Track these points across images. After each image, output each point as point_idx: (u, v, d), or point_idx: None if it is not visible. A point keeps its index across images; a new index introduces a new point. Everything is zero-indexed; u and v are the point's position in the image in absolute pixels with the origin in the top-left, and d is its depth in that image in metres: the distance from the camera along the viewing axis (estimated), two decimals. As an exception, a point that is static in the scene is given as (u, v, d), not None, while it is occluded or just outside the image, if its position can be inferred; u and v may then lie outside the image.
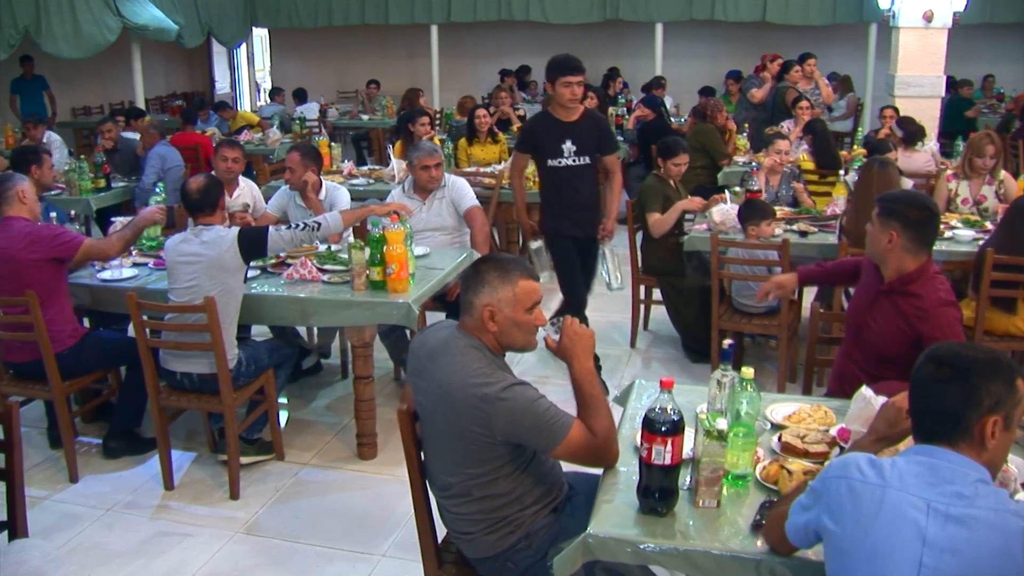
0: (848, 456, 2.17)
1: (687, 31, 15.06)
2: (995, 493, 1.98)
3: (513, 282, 2.79)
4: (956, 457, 2.01)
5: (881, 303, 3.51)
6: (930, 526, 1.94)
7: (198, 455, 4.98)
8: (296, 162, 5.65)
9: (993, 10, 12.88)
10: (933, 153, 8.34)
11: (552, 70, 5.34)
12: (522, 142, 5.82)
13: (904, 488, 1.99)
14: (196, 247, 4.39)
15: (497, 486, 2.80)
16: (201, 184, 4.49)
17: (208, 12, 13.32)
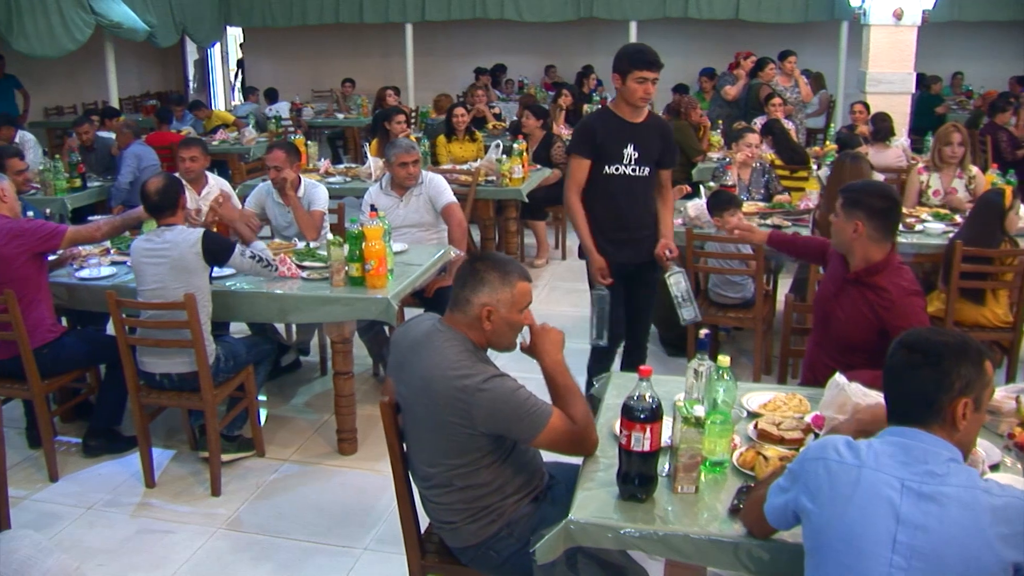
0: (826, 438, 2.23)
1: (661, 29, 15.11)
2: (966, 471, 2.05)
3: (512, 283, 2.85)
4: (929, 438, 2.08)
5: (847, 292, 3.57)
6: (904, 504, 2.00)
7: (178, 452, 4.99)
8: (282, 159, 5.68)
9: (961, 8, 13.01)
10: (904, 149, 8.47)
11: (624, 62, 4.52)
12: (580, 143, 4.70)
13: (879, 468, 2.06)
14: (158, 246, 4.41)
15: (478, 476, 2.84)
16: (159, 185, 4.49)
17: (182, 11, 13.25)
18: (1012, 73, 14.37)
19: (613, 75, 4.56)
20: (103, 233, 4.92)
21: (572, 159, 4.73)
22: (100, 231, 4.89)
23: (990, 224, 5.20)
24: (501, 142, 8.58)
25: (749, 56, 11.05)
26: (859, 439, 2.46)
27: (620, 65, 4.54)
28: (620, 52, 4.59)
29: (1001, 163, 8.39)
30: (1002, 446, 2.86)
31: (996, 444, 2.88)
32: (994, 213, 5.21)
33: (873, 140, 8.19)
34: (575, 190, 4.71)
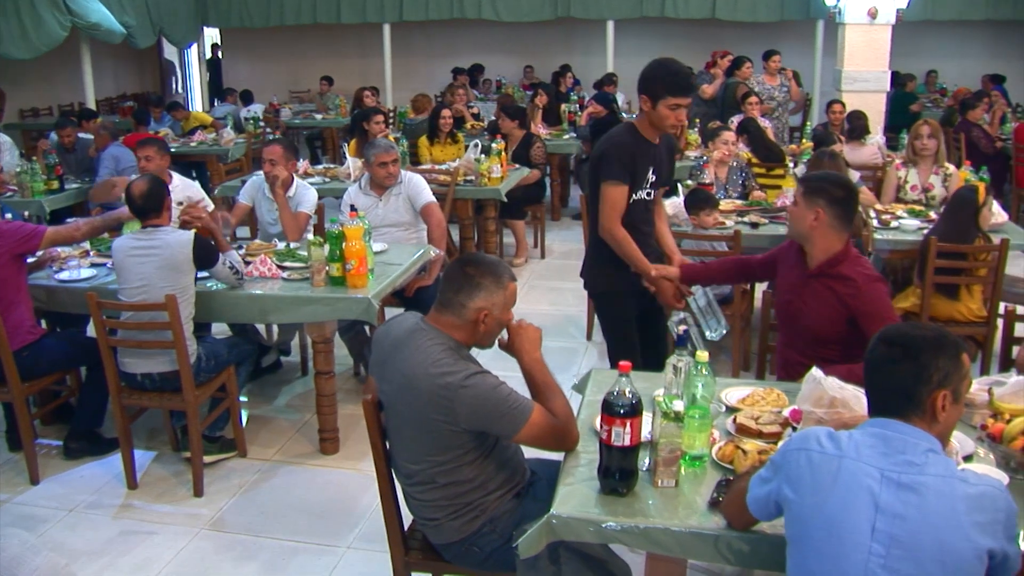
0: (808, 429, 2.28)
1: (638, 28, 15.19)
2: (943, 461, 2.10)
3: (505, 286, 2.90)
4: (908, 428, 2.14)
5: (811, 288, 3.63)
6: (883, 493, 2.05)
7: (160, 454, 4.99)
8: (278, 155, 5.73)
9: (935, 7, 13.14)
10: (879, 146, 8.56)
11: (657, 86, 4.02)
12: (621, 168, 4.14)
13: (859, 458, 2.11)
14: (146, 245, 4.41)
15: (461, 472, 2.86)
16: (144, 188, 4.49)
17: (159, 12, 13.21)
18: (985, 71, 14.52)
19: (641, 96, 4.09)
20: (82, 233, 4.92)
21: (610, 186, 4.14)
22: (79, 231, 4.89)
23: (964, 220, 5.27)
24: (480, 142, 8.60)
25: (726, 55, 11.12)
26: None
27: (652, 88, 4.04)
28: (652, 73, 4.06)
29: (975, 160, 8.48)
30: (975, 437, 2.91)
31: (969, 435, 2.93)
32: (968, 209, 5.28)
33: (848, 138, 8.27)
34: (617, 220, 4.17)
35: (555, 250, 9.16)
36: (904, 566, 2.02)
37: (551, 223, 9.99)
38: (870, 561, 2.04)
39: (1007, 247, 5.20)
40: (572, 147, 10.58)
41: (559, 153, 10.42)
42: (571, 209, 10.78)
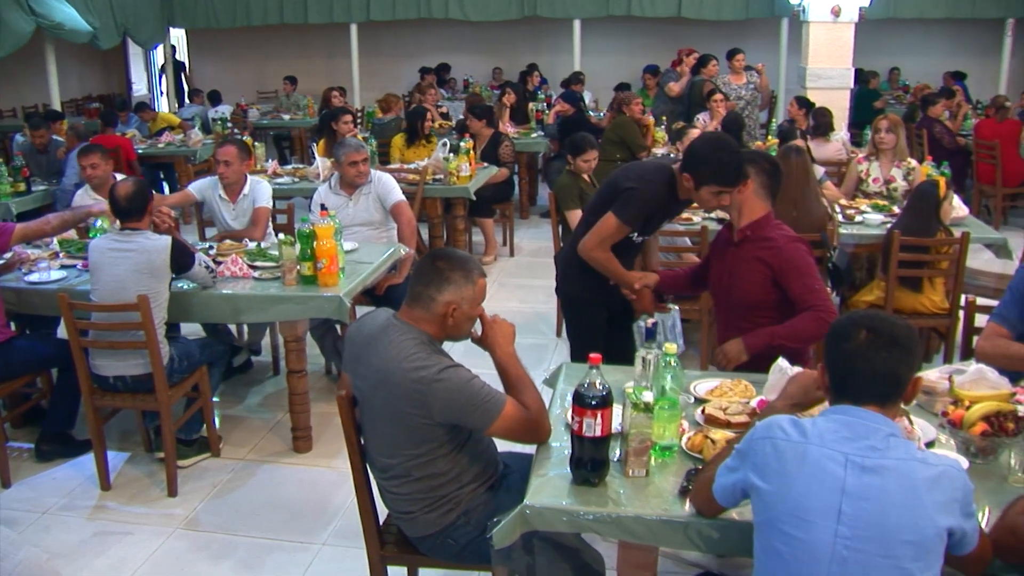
0: (771, 418, 2.33)
1: (604, 27, 15.27)
2: (904, 444, 2.17)
3: (474, 281, 2.95)
4: (869, 414, 2.20)
5: (737, 256, 3.81)
6: (848, 477, 2.12)
7: (133, 455, 4.99)
8: (233, 155, 5.74)
9: (896, 6, 13.29)
10: (844, 142, 8.67)
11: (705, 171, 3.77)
12: (639, 216, 4.05)
13: (824, 444, 2.17)
14: (125, 246, 4.41)
15: (435, 466, 2.90)
16: (129, 190, 4.49)
17: (124, 12, 13.08)
18: (945, 68, 14.74)
19: (685, 175, 3.84)
20: (52, 227, 4.93)
21: (616, 223, 4.02)
22: (49, 225, 4.91)
23: (926, 214, 5.36)
24: (448, 141, 8.64)
25: (691, 53, 11.21)
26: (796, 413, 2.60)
27: (700, 171, 3.79)
28: (702, 153, 3.80)
29: (937, 156, 8.61)
30: (937, 424, 2.99)
31: (931, 422, 3.01)
32: (929, 204, 5.37)
33: (813, 134, 8.37)
34: (604, 249, 4.11)
35: (524, 248, 9.20)
36: (869, 546, 2.08)
37: (520, 221, 10.04)
38: (837, 543, 2.10)
39: (967, 240, 5.30)
40: (540, 145, 10.64)
41: (527, 151, 10.47)
42: (540, 207, 10.83)
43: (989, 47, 14.49)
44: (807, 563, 2.14)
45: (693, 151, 3.85)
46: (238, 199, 5.85)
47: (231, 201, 5.85)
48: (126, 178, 4.79)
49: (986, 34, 14.64)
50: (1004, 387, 3.03)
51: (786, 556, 2.17)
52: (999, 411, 2.82)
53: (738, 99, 10.10)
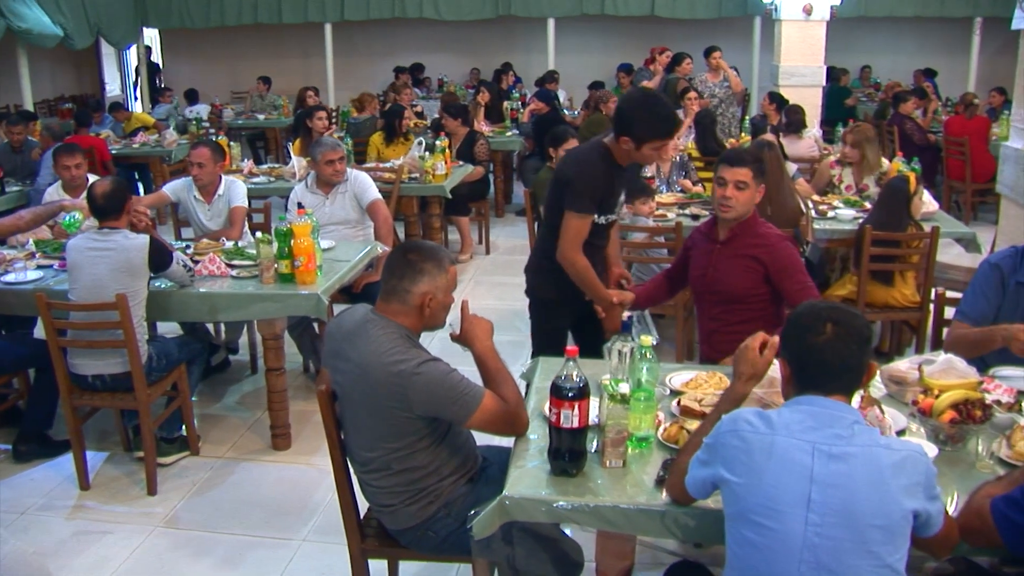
0: (736, 412, 2.38)
1: (578, 26, 15.33)
2: (868, 431, 2.23)
3: (446, 269, 2.99)
4: (833, 403, 2.27)
5: (723, 255, 3.92)
6: (816, 465, 2.17)
7: (111, 454, 4.99)
8: (206, 157, 5.74)
9: (867, 4, 13.42)
10: (816, 139, 8.78)
11: (642, 129, 3.77)
12: (590, 200, 3.92)
13: (791, 434, 2.22)
14: (103, 245, 4.41)
15: (415, 459, 2.94)
16: (107, 189, 4.49)
17: (97, 12, 13.01)
18: (916, 66, 14.88)
19: (622, 138, 3.82)
20: (26, 222, 4.95)
21: (575, 217, 3.91)
22: (23, 220, 4.94)
23: (896, 209, 5.45)
24: (424, 139, 8.67)
25: (664, 51, 11.28)
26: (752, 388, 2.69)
27: (635, 131, 3.78)
28: (634, 114, 3.79)
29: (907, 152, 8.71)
30: (907, 413, 3.05)
31: (902, 411, 3.07)
32: (900, 199, 5.46)
33: (786, 131, 8.46)
34: (579, 248, 3.97)
35: (500, 246, 9.24)
36: (839, 532, 2.13)
37: (495, 219, 10.08)
38: (808, 530, 2.15)
39: (937, 234, 5.38)
40: (515, 144, 10.68)
41: (502, 150, 10.51)
42: (515, 205, 10.87)
43: (958, 45, 14.65)
44: (780, 551, 2.18)
45: (623, 113, 3.84)
46: (213, 199, 5.85)
47: (206, 202, 5.86)
48: (104, 177, 4.78)
49: (955, 32, 14.80)
50: (972, 376, 3.09)
51: (759, 545, 2.22)
52: (967, 399, 2.88)
53: (712, 96, 10.18)
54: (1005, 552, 2.50)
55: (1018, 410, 3.11)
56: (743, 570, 2.27)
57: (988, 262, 3.72)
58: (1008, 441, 2.84)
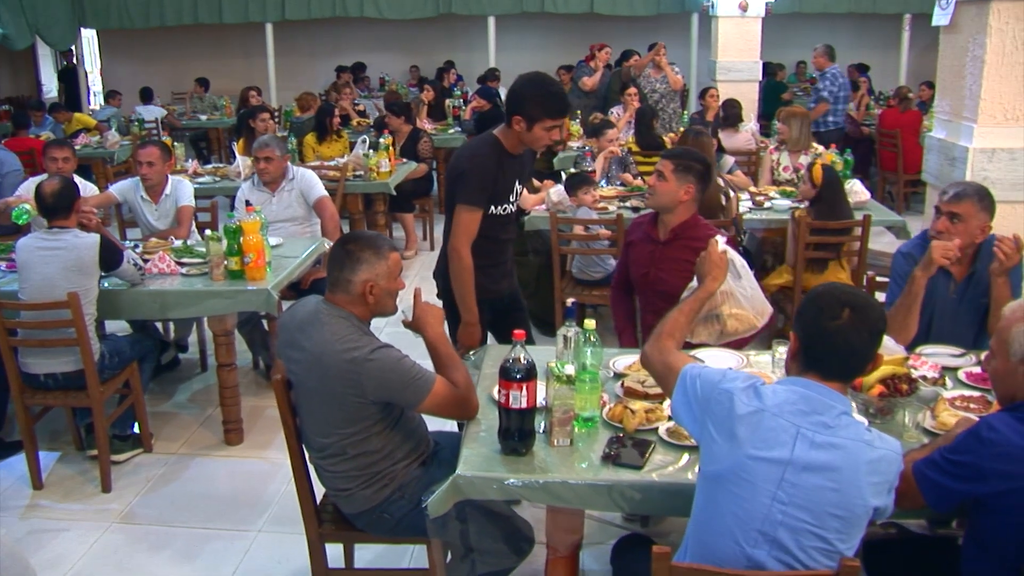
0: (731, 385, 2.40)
1: (519, 24, 15.45)
2: (855, 424, 2.33)
3: (386, 256, 3.07)
4: (827, 391, 2.34)
5: (664, 254, 4.01)
6: (797, 449, 2.26)
7: (64, 454, 5.01)
8: (156, 156, 5.76)
9: (802, 1, 13.71)
10: (753, 133, 9.00)
11: (534, 108, 3.80)
12: (480, 193, 3.90)
13: (780, 414, 2.30)
14: (53, 245, 4.43)
15: (369, 443, 3.04)
16: (56, 188, 4.51)
17: (35, 13, 12.85)
18: (849, 61, 15.18)
19: (515, 117, 3.84)
20: None
21: (465, 211, 3.89)
22: None
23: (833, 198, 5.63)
24: (367, 138, 8.74)
25: (603, 48, 11.44)
26: None
27: (527, 110, 3.81)
28: (526, 93, 3.84)
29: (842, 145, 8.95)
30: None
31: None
32: (836, 188, 5.65)
33: (724, 125, 8.67)
34: (468, 243, 3.92)
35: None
36: (801, 514, 2.24)
37: (439, 215, 10.00)
38: (773, 507, 2.25)
39: (869, 222, 5.58)
40: (458, 141, 10.77)
41: (445, 147, 10.59)
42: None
43: (889, 41, 15.01)
44: (742, 519, 2.28)
45: (515, 93, 3.87)
46: (160, 199, 5.87)
47: (153, 202, 5.87)
48: (51, 176, 4.80)
49: (886, 28, 15.16)
50: (900, 354, 3.25)
51: (723, 510, 2.31)
52: (894, 374, 3.04)
53: (652, 92, 10.36)
54: (930, 512, 2.67)
55: (943, 384, 3.29)
56: (705, 523, 2.37)
57: (900, 252, 3.93)
58: (932, 412, 3.02)
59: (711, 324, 3.27)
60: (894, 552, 2.98)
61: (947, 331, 3.74)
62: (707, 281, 3.11)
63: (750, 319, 3.28)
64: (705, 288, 3.10)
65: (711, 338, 3.29)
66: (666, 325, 2.92)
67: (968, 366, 3.49)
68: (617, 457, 2.80)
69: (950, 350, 3.62)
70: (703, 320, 3.25)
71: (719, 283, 3.13)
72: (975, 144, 4.74)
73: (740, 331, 3.31)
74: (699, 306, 3.09)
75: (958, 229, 3.64)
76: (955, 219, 3.64)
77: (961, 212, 3.63)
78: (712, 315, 3.25)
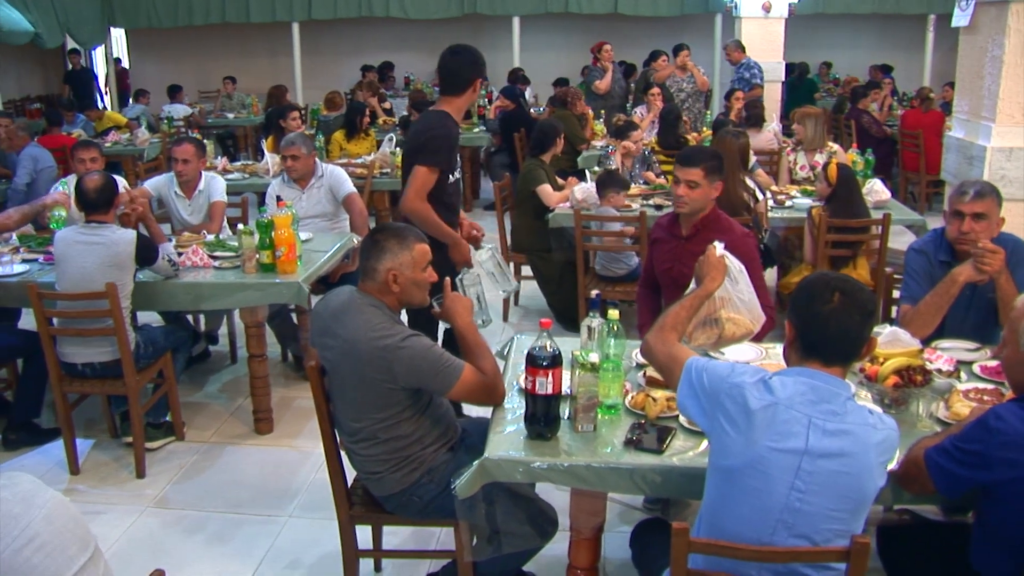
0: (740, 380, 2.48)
1: (543, 24, 15.56)
2: (858, 409, 2.42)
3: (410, 246, 3.18)
4: (831, 379, 2.44)
5: (687, 249, 4.10)
6: (811, 438, 2.35)
7: (98, 441, 5.14)
8: (191, 153, 5.90)
9: (826, 1, 13.75)
10: (775, 133, 9.06)
11: (475, 72, 4.46)
12: (445, 158, 4.47)
13: (791, 406, 2.39)
14: (91, 239, 4.55)
15: (400, 428, 3.15)
16: (98, 183, 4.64)
17: (65, 12, 13.07)
18: (873, 62, 15.22)
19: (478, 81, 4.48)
20: (15, 221, 5.17)
21: (428, 170, 4.38)
22: (11, 220, 5.16)
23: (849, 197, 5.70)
24: (394, 136, 8.86)
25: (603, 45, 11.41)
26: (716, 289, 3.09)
27: (467, 74, 4.43)
28: (469, 61, 4.44)
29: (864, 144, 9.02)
30: (856, 381, 3.28)
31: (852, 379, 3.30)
32: (851, 187, 5.72)
33: (746, 125, 8.73)
34: (424, 197, 4.41)
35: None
36: (818, 500, 2.33)
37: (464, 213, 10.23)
38: (791, 495, 2.34)
39: (889, 220, 5.66)
40: (483, 140, 10.91)
41: (470, 146, 10.73)
42: (483, 200, 11.09)
43: (914, 42, 15.03)
44: (759, 510, 2.37)
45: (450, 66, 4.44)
46: (194, 195, 6.00)
47: (187, 197, 6.00)
48: (92, 172, 4.94)
49: (911, 29, 15.18)
50: (914, 346, 3.34)
51: (739, 500, 2.40)
52: (909, 365, 3.13)
53: (679, 91, 10.44)
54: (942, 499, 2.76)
55: (957, 377, 3.38)
56: (719, 516, 2.46)
57: (913, 249, 4.02)
58: (946, 403, 3.11)
59: (710, 328, 3.35)
60: (908, 538, 3.06)
61: (960, 326, 3.82)
62: (706, 282, 3.21)
63: (747, 323, 3.36)
64: (704, 287, 3.20)
65: (709, 342, 3.37)
66: (668, 318, 3.01)
67: (983, 360, 3.57)
68: (639, 442, 2.90)
69: (965, 344, 3.70)
70: (702, 325, 3.33)
71: (717, 284, 3.21)
72: (993, 143, 4.82)
73: (737, 335, 3.39)
74: (699, 303, 3.16)
75: (983, 227, 3.72)
76: (980, 218, 3.73)
77: (985, 210, 3.73)
78: (711, 320, 3.32)
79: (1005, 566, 2.52)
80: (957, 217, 3.79)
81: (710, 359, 2.68)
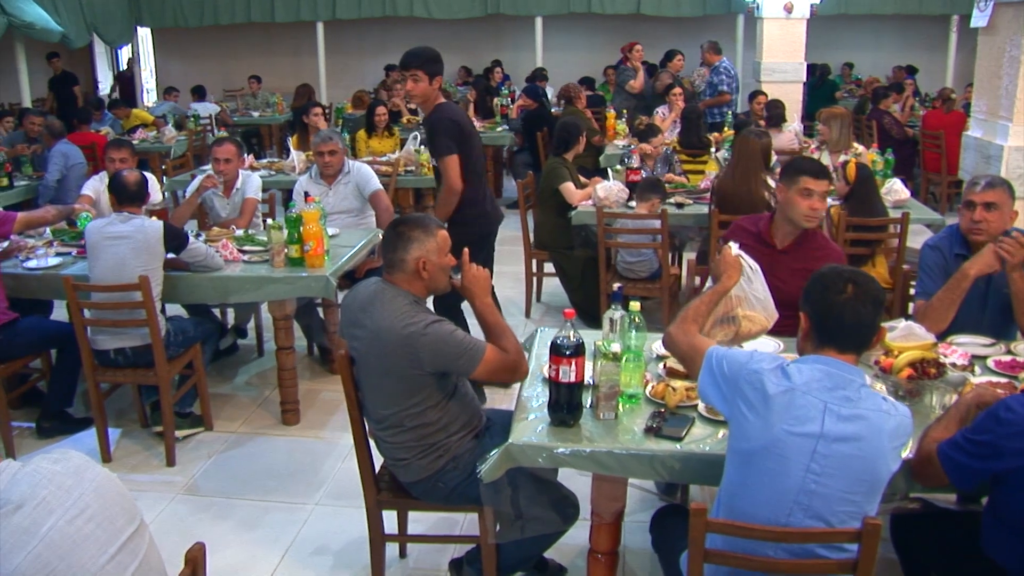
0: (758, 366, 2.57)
1: (565, 24, 15.64)
2: (872, 395, 2.50)
3: (434, 233, 3.29)
4: (846, 366, 2.53)
5: (783, 262, 4.02)
6: (827, 423, 2.43)
7: (128, 430, 5.26)
8: (233, 153, 6.07)
9: (848, 2, 13.77)
10: (796, 133, 9.08)
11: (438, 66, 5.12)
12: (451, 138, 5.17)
13: (808, 392, 2.48)
14: (124, 229, 4.68)
15: (426, 416, 3.24)
16: (138, 177, 4.84)
17: (92, 12, 13.24)
18: (896, 63, 15.22)
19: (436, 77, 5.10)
20: (53, 216, 5.40)
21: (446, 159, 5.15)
22: (50, 214, 5.38)
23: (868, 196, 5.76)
24: (418, 134, 8.96)
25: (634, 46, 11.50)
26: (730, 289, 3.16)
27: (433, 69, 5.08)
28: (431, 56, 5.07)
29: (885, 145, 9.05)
30: (872, 374, 3.35)
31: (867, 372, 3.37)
32: (869, 186, 5.78)
33: (768, 125, 8.78)
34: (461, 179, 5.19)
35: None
36: (833, 482, 2.41)
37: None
38: (807, 478, 2.42)
39: (908, 219, 5.70)
40: (505, 139, 11.00)
41: (493, 145, 10.81)
42: (506, 198, 11.15)
43: (936, 42, 15.02)
44: (776, 492, 2.45)
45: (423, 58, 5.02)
46: (232, 193, 6.14)
47: (225, 196, 6.14)
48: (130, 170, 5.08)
49: (933, 30, 15.17)
50: (929, 340, 3.41)
51: (757, 482, 2.49)
52: (923, 358, 3.20)
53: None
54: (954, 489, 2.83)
55: (971, 371, 3.44)
56: (737, 498, 2.55)
57: (927, 245, 4.09)
58: (959, 396, 3.17)
59: (727, 326, 3.42)
60: (920, 525, 3.13)
61: (976, 323, 3.87)
62: (723, 279, 3.31)
63: (762, 320, 3.44)
64: (722, 284, 3.29)
65: (727, 339, 3.44)
66: (689, 311, 3.12)
67: (998, 355, 3.63)
68: (659, 430, 2.98)
69: (981, 340, 3.76)
70: (720, 322, 3.40)
71: (734, 281, 3.30)
72: (1010, 142, 4.87)
73: (753, 332, 3.46)
74: (717, 298, 3.26)
75: (993, 217, 3.80)
76: (991, 208, 3.80)
77: (996, 200, 3.80)
78: (728, 317, 3.39)
79: (1016, 551, 2.59)
80: (969, 207, 3.87)
81: (730, 348, 2.76)
